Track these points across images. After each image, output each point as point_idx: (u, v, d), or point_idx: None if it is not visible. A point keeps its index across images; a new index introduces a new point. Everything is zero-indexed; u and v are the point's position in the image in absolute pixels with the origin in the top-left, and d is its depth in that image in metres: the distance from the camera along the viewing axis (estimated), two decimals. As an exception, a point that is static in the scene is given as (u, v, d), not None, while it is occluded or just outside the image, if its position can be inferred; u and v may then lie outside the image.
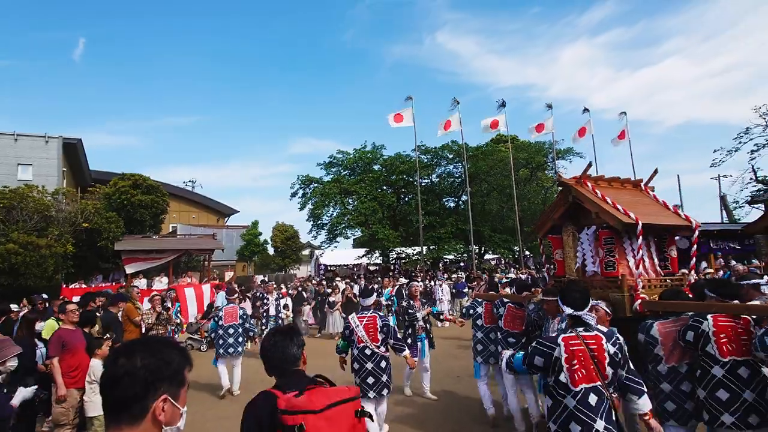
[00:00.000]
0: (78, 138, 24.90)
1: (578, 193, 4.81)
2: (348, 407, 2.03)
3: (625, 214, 4.39)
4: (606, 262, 4.62)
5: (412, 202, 27.99)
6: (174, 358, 1.30)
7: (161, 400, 1.24)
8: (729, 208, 27.05)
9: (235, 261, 29.80)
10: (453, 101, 22.94)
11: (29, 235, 16.07)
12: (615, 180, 5.27)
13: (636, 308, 4.20)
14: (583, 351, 3.03)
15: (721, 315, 3.49)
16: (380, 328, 5.12)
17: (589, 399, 2.96)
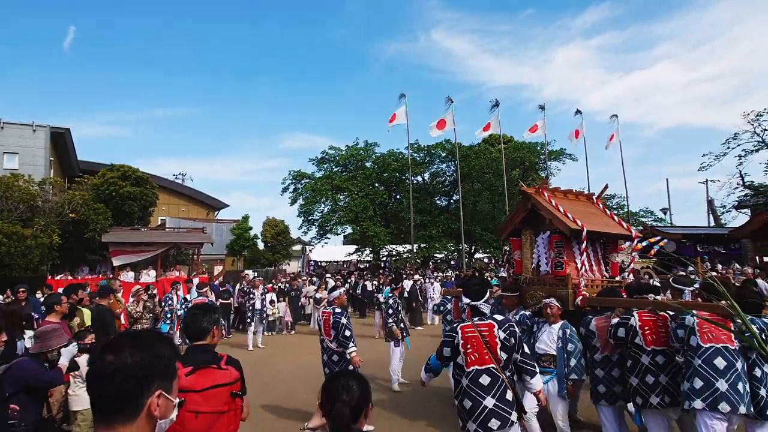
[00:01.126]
0: (66, 127, 24.52)
1: (536, 201, 5.43)
2: (225, 389, 2.53)
3: (573, 222, 5.02)
4: (556, 262, 5.27)
5: (404, 200, 27.99)
6: (164, 351, 1.27)
7: (156, 395, 1.21)
8: (716, 212, 27.41)
9: (225, 255, 29.56)
10: (447, 100, 22.94)
11: (14, 225, 15.80)
12: (570, 192, 5.94)
13: (578, 303, 4.84)
14: (476, 337, 3.44)
15: (644, 311, 4.12)
16: (332, 324, 5.34)
17: (480, 379, 3.36)
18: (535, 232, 5.70)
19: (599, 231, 5.36)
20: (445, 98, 22.91)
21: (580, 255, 5.19)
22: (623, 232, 5.58)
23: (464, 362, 3.43)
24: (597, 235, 5.43)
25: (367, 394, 1.82)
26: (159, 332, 1.36)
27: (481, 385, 3.35)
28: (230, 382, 2.57)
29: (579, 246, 5.18)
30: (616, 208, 32.36)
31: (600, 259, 5.56)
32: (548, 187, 5.59)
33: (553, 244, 5.32)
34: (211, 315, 2.83)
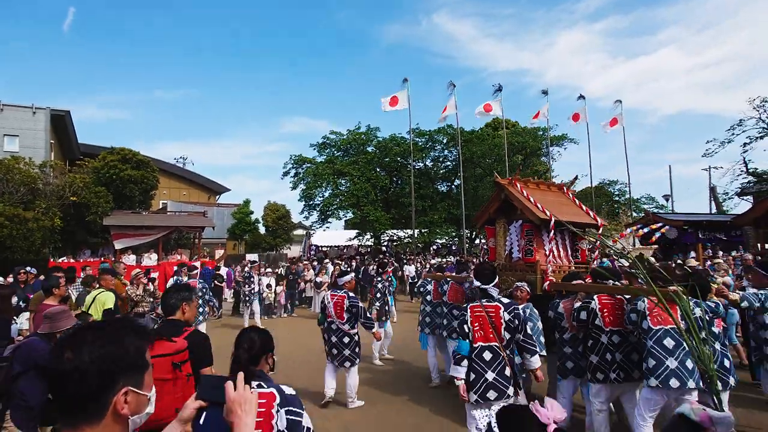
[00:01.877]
0: (66, 110, 24.38)
1: (509, 192, 5.77)
2: (167, 359, 2.82)
3: (542, 212, 5.36)
4: (526, 250, 5.63)
5: (405, 185, 27.90)
6: (130, 344, 1.16)
7: (122, 393, 1.12)
8: (718, 199, 27.28)
9: (226, 239, 29.62)
10: (449, 84, 22.69)
11: (16, 208, 15.82)
12: (542, 183, 6.30)
13: (545, 288, 5.23)
14: (483, 317, 3.89)
15: (604, 295, 4.48)
16: (347, 307, 5.64)
17: (483, 354, 3.83)
18: (508, 221, 6.00)
19: (569, 221, 5.62)
20: (448, 83, 22.66)
21: (548, 243, 5.56)
22: (590, 221, 5.94)
23: (471, 338, 3.88)
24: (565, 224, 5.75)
25: (267, 344, 2.27)
26: (127, 322, 1.23)
27: (484, 360, 3.82)
28: (170, 353, 2.86)
29: (547, 234, 5.53)
30: (617, 195, 32.25)
31: (568, 246, 5.92)
32: (521, 178, 5.92)
33: (524, 232, 5.66)
34: (181, 293, 3.23)
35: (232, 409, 1.36)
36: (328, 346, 5.80)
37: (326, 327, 5.81)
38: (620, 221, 22.85)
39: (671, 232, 17.12)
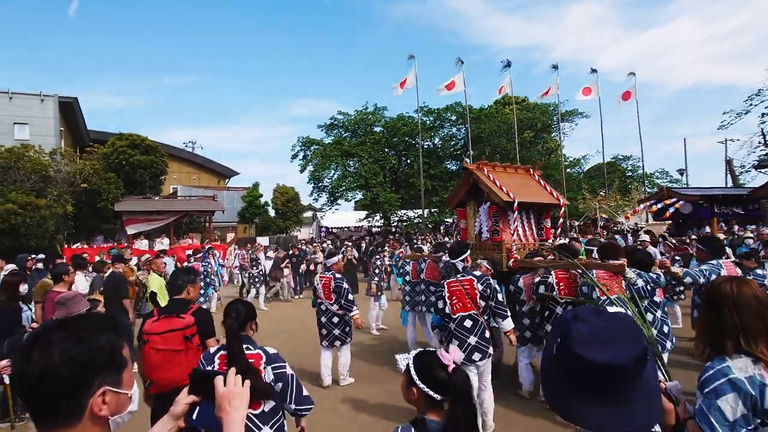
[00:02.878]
0: (74, 97, 24.40)
1: (476, 176, 6.12)
2: (179, 333, 3.25)
3: (506, 195, 5.73)
4: (493, 230, 6.04)
5: (414, 164, 27.69)
6: (105, 341, 1.08)
7: (99, 394, 1.05)
8: (735, 172, 26.69)
9: (237, 223, 29.80)
10: (457, 61, 22.20)
11: (28, 195, 16.00)
12: (509, 166, 6.72)
13: (510, 265, 5.64)
14: (459, 290, 4.44)
15: (559, 270, 4.92)
16: (333, 288, 5.85)
17: (464, 323, 4.38)
18: (477, 204, 6.38)
19: (531, 201, 6.13)
20: (456, 59, 22.19)
21: (513, 223, 5.94)
22: (553, 201, 6.32)
23: (450, 311, 4.43)
24: (530, 205, 6.21)
25: (250, 313, 2.77)
26: (102, 318, 1.17)
27: (466, 327, 4.39)
28: (181, 327, 3.27)
29: (512, 215, 5.93)
30: (631, 170, 31.70)
31: (533, 225, 6.34)
32: (488, 163, 6.34)
33: (491, 213, 6.06)
34: (187, 276, 3.67)
35: (221, 404, 1.34)
36: (319, 326, 6.00)
37: (318, 308, 6.03)
38: (632, 197, 22.47)
39: (685, 207, 16.80)
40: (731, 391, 1.63)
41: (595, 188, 26.36)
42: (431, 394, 1.67)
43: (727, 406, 1.63)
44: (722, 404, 1.64)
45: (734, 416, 1.62)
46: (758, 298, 1.75)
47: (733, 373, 1.66)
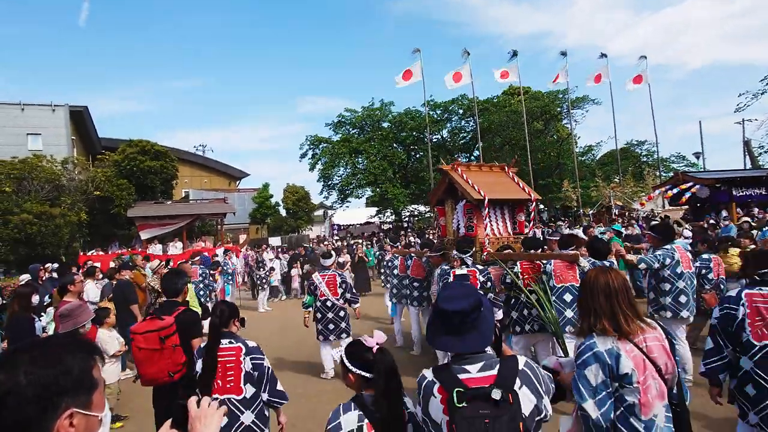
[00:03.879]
0: (84, 105, 24.75)
1: (451, 177, 6.54)
2: (155, 334, 3.40)
3: (477, 192, 6.13)
4: (468, 226, 6.42)
5: (423, 159, 27.51)
6: (73, 363, 1.06)
7: (66, 417, 1.03)
8: (753, 153, 26.00)
9: (248, 224, 29.98)
10: (463, 52, 21.90)
11: (42, 205, 16.25)
12: (484, 165, 7.09)
13: (483, 258, 5.97)
14: None
15: (524, 261, 5.41)
16: (339, 284, 6.25)
17: None
18: (454, 202, 6.76)
19: (503, 198, 6.49)
20: (462, 50, 21.90)
21: (485, 219, 6.31)
22: (525, 196, 6.67)
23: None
24: (503, 201, 6.56)
25: (233, 312, 3.22)
26: (72, 339, 1.16)
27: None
28: (157, 329, 3.44)
29: (484, 211, 6.31)
30: (645, 155, 31.10)
31: (507, 219, 6.68)
32: (462, 163, 6.88)
33: (465, 210, 6.45)
34: (180, 278, 3.86)
35: (192, 425, 1.36)
36: (324, 323, 6.17)
37: (320, 306, 6.22)
38: (647, 183, 22.01)
39: (702, 191, 16.37)
40: (594, 362, 2.03)
41: (609, 175, 25.90)
42: (363, 374, 1.93)
43: (591, 374, 2.02)
44: (587, 373, 2.03)
45: (596, 382, 2.02)
46: (609, 284, 2.13)
47: (597, 347, 2.04)
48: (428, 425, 1.73)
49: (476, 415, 1.57)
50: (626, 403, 2.01)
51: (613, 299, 2.09)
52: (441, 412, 1.66)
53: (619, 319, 2.06)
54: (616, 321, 2.06)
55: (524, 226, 6.85)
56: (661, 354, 2.07)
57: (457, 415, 1.58)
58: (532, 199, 6.66)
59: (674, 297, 5.13)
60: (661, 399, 2.04)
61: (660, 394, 2.04)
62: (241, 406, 2.92)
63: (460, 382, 1.65)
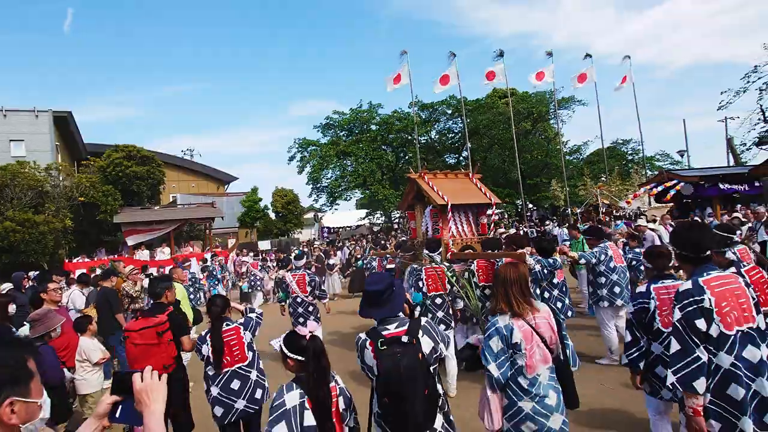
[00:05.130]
0: (68, 111, 24.40)
1: (419, 184, 7.11)
2: (152, 330, 3.89)
3: (441, 198, 6.70)
4: (434, 228, 7.01)
5: (412, 160, 27.55)
6: (9, 358, 1.19)
7: (6, 405, 1.15)
8: (736, 151, 26.40)
9: (237, 228, 29.76)
10: (449, 54, 21.98)
11: (25, 212, 15.97)
12: (450, 172, 7.81)
13: (448, 257, 6.39)
14: (434, 275, 5.57)
15: (480, 260, 5.97)
16: (308, 282, 6.85)
17: (436, 300, 5.51)
18: (423, 206, 7.32)
19: (466, 203, 7.07)
20: (448, 53, 21.97)
21: (450, 222, 6.87)
22: (486, 201, 7.22)
23: (426, 290, 5.55)
24: (467, 205, 7.14)
25: (226, 303, 3.94)
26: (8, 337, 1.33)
27: (436, 304, 5.50)
28: (153, 325, 3.90)
29: (447, 216, 6.86)
30: (631, 154, 31.45)
31: (472, 222, 7.27)
32: (429, 171, 7.41)
33: (432, 215, 7.02)
34: (163, 282, 4.36)
35: (140, 398, 1.43)
36: (295, 317, 6.84)
37: (291, 303, 6.90)
38: (633, 181, 22.25)
39: (686, 188, 16.60)
40: (496, 335, 2.65)
41: (596, 174, 26.16)
42: (298, 358, 2.26)
43: (494, 344, 2.65)
44: (491, 343, 2.65)
45: (497, 350, 2.64)
46: (507, 277, 2.74)
47: (498, 324, 2.66)
48: (365, 369, 2.47)
49: (392, 353, 2.32)
50: (517, 365, 2.62)
51: (509, 288, 2.70)
52: (371, 357, 2.39)
53: (513, 302, 2.68)
54: (511, 304, 2.68)
55: (486, 227, 7.49)
56: (546, 329, 2.69)
57: (380, 354, 2.34)
58: (492, 203, 7.34)
59: (609, 288, 5.86)
60: (544, 363, 2.64)
61: (544, 359, 2.64)
62: (248, 368, 3.78)
63: (382, 335, 2.41)
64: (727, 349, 2.39)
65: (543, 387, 2.60)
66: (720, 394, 2.39)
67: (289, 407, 2.08)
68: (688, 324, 2.43)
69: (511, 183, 26.81)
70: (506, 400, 2.65)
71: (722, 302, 2.43)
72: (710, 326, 2.40)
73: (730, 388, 2.37)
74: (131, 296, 7.17)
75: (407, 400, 2.29)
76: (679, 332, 2.45)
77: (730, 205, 15.25)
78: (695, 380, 2.36)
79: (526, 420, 2.58)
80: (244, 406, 3.67)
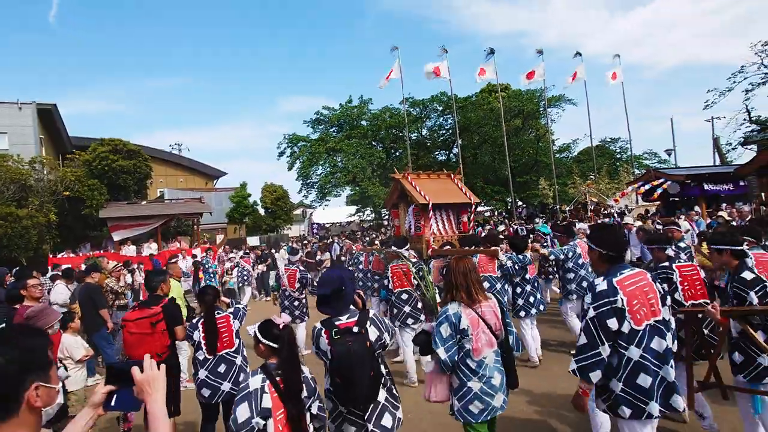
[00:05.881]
0: (52, 103, 23.92)
1: (401, 184, 7.58)
2: (146, 320, 4.15)
3: (423, 198, 7.13)
4: (416, 226, 7.43)
5: (403, 157, 27.53)
6: (35, 345, 1.29)
7: (33, 389, 1.25)
8: (722, 150, 26.75)
9: (226, 224, 29.51)
10: (441, 50, 21.96)
11: (8, 206, 15.65)
12: (433, 173, 8.23)
13: (428, 254, 6.76)
14: (399, 272, 5.89)
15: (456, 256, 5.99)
16: (299, 279, 7.13)
17: (402, 296, 5.85)
18: (406, 205, 7.66)
19: (447, 202, 7.47)
20: (440, 48, 21.96)
21: (431, 220, 7.28)
22: (466, 200, 7.64)
23: (392, 286, 5.88)
24: (448, 204, 7.53)
25: (217, 293, 4.32)
26: (28, 327, 1.41)
27: (402, 300, 5.83)
28: (148, 316, 4.18)
29: (428, 214, 7.26)
30: (619, 152, 31.73)
31: (453, 220, 7.65)
32: (412, 171, 7.94)
33: (414, 213, 7.42)
34: (159, 276, 4.65)
35: (142, 389, 1.51)
36: (283, 308, 7.18)
37: (281, 294, 7.27)
38: (621, 179, 22.45)
39: (673, 187, 16.78)
40: (446, 322, 2.94)
41: (585, 172, 26.37)
42: (271, 344, 2.45)
43: (444, 330, 2.93)
44: (441, 329, 2.94)
45: (446, 334, 2.92)
46: (466, 267, 3.08)
47: (448, 311, 2.96)
48: (320, 354, 2.78)
49: (344, 341, 2.62)
50: (465, 349, 2.92)
51: (468, 277, 3.03)
52: (326, 343, 2.70)
53: (472, 290, 3.00)
54: (470, 291, 3.00)
55: (467, 226, 7.83)
56: (491, 317, 3.01)
57: (334, 342, 2.64)
58: (472, 203, 7.70)
59: (578, 283, 6.18)
60: (490, 346, 2.95)
61: (489, 343, 2.95)
62: (235, 354, 4.10)
63: (336, 325, 2.73)
64: (637, 342, 2.57)
65: (489, 369, 2.92)
66: (631, 384, 2.56)
67: (252, 390, 2.28)
68: (600, 323, 2.55)
69: (501, 180, 26.90)
70: (457, 381, 2.95)
71: (633, 300, 2.58)
72: (622, 325, 2.56)
73: (640, 377, 2.55)
74: (116, 292, 7.06)
75: (356, 380, 2.57)
76: (590, 329, 2.59)
77: (715, 204, 15.45)
78: (592, 372, 2.56)
79: (474, 399, 2.89)
80: (229, 389, 3.97)
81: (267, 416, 2.25)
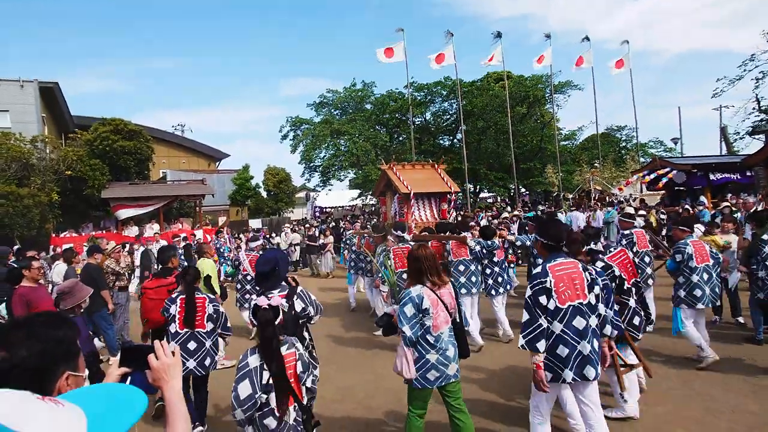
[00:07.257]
0: (54, 81, 23.68)
1: (387, 174, 8.16)
2: (164, 288, 4.84)
3: (405, 187, 7.77)
4: (400, 213, 8.03)
5: (407, 141, 27.32)
6: (63, 335, 1.30)
7: (64, 379, 1.27)
8: (729, 139, 26.43)
9: (228, 206, 29.49)
10: (446, 33, 21.58)
11: (9, 185, 15.62)
12: (417, 164, 8.79)
13: (410, 238, 6.99)
14: (401, 254, 6.34)
15: (434, 242, 6.60)
16: None
17: (403, 276, 5.81)
18: (392, 194, 8.22)
19: (428, 191, 8.04)
20: (445, 32, 21.58)
21: (413, 207, 7.88)
22: (446, 189, 8.18)
23: (394, 267, 6.33)
24: (429, 193, 8.09)
25: (197, 274, 4.68)
26: (57, 316, 1.40)
27: (403, 279, 5.79)
28: (165, 284, 4.89)
29: (410, 203, 7.85)
30: (625, 140, 31.42)
31: (434, 208, 8.24)
32: (398, 163, 8.45)
33: (398, 201, 8.01)
34: (169, 251, 5.40)
35: (159, 376, 1.51)
36: (242, 293, 7.47)
37: (241, 279, 7.61)
38: (627, 168, 22.25)
39: (679, 176, 16.63)
40: (410, 302, 3.29)
41: (590, 160, 26.14)
42: None
43: (408, 309, 3.28)
44: (406, 309, 3.28)
45: (410, 314, 3.27)
46: (418, 256, 3.42)
47: (412, 293, 3.31)
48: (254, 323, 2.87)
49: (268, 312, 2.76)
50: (425, 326, 3.30)
51: (420, 264, 3.37)
52: None
53: (423, 276, 3.36)
54: (423, 277, 3.36)
55: (447, 213, 8.43)
56: (448, 297, 3.40)
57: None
58: (452, 192, 8.25)
59: None
60: (446, 323, 3.36)
61: (445, 321, 3.35)
62: (206, 336, 4.41)
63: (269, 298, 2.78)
64: (559, 318, 3.15)
65: (445, 342, 3.33)
66: (552, 353, 3.16)
67: (252, 367, 2.44)
68: (534, 300, 3.18)
69: (505, 167, 26.71)
70: (416, 354, 3.32)
71: (559, 283, 3.16)
72: (549, 301, 3.15)
73: (559, 348, 3.13)
74: (117, 273, 7.05)
75: None
76: (529, 306, 3.20)
77: (721, 195, 15.31)
78: (538, 342, 3.12)
79: (431, 369, 3.30)
80: (194, 367, 4.27)
81: (269, 391, 2.45)
